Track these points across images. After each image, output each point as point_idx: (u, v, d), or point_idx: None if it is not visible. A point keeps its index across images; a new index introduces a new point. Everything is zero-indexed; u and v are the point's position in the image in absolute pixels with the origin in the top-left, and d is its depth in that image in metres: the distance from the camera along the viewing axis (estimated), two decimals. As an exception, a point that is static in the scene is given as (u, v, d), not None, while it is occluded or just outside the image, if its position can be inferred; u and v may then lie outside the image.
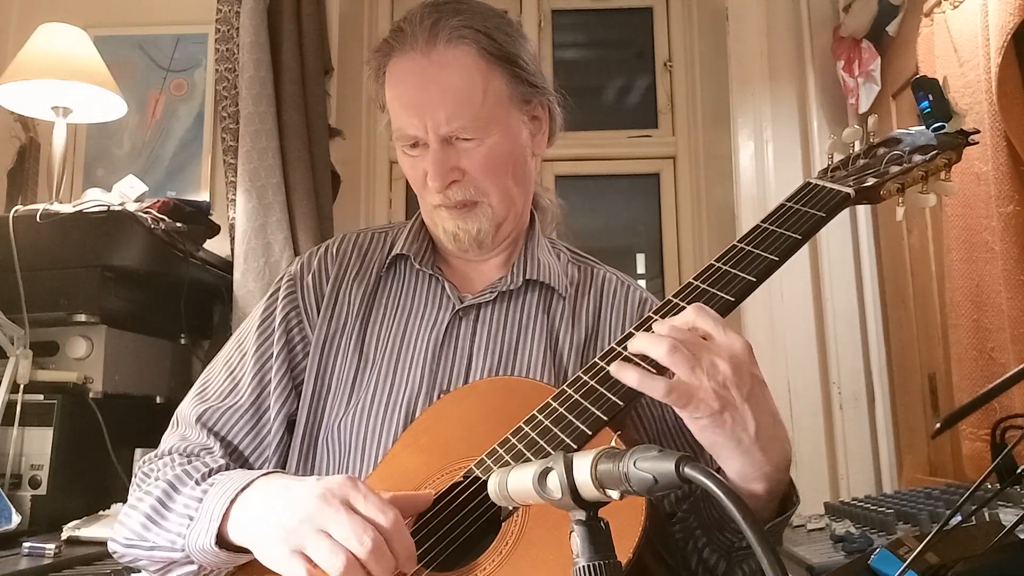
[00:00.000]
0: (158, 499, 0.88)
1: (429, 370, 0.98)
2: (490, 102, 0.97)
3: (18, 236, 1.73)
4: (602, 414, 0.79)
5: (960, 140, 0.93)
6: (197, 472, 0.89)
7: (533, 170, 1.08)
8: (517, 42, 1.00)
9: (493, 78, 0.97)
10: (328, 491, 0.75)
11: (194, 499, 0.86)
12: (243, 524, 0.81)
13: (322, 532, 0.74)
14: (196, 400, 1.02)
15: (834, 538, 1.27)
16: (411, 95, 0.97)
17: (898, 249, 2.17)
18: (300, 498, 0.77)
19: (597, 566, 0.53)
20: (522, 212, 1.07)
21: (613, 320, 1.06)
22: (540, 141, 1.06)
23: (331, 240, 1.12)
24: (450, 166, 0.97)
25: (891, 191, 0.92)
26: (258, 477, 0.84)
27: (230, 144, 2.30)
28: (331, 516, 0.74)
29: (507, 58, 0.98)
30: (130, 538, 0.89)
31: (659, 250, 3.00)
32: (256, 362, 1.02)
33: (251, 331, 1.05)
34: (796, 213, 0.89)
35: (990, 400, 0.87)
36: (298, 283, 1.06)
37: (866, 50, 2.22)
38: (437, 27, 0.96)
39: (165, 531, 0.86)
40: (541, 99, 1.04)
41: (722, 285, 0.84)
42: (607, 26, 3.25)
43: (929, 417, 2.05)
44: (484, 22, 0.98)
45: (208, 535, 0.81)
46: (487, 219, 1.01)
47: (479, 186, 0.99)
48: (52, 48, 2.00)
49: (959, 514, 0.77)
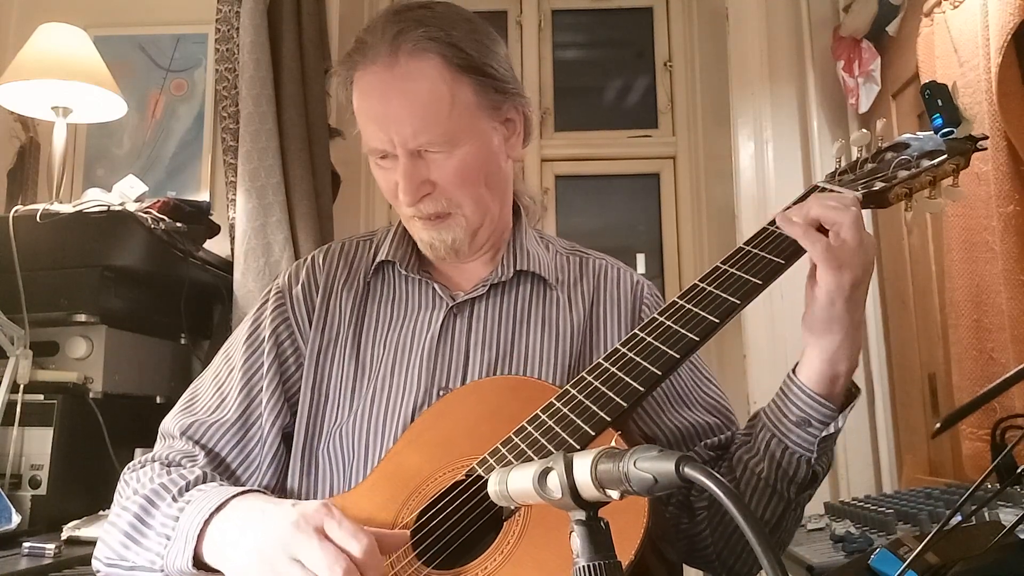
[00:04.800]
0: (136, 515, 0.88)
1: (427, 370, 0.98)
2: (458, 113, 0.95)
3: (18, 236, 1.73)
4: (605, 415, 0.79)
5: (969, 146, 0.93)
6: (175, 486, 0.88)
7: (509, 173, 1.06)
8: (486, 48, 0.98)
9: (460, 89, 0.95)
10: (302, 518, 0.75)
11: (171, 518, 0.85)
12: (218, 547, 0.81)
13: (295, 561, 0.73)
14: (182, 414, 1.01)
15: (834, 538, 1.27)
16: (376, 109, 0.95)
17: (898, 249, 2.17)
18: (274, 524, 0.76)
19: (597, 566, 0.52)
20: (499, 216, 1.05)
21: (609, 306, 1.06)
22: (515, 143, 1.05)
23: (316, 251, 1.11)
24: (420, 180, 0.96)
25: (899, 196, 0.92)
26: (233, 496, 0.84)
27: (230, 144, 2.30)
28: (304, 544, 0.73)
29: (474, 67, 0.96)
30: (111, 557, 0.89)
31: (659, 250, 3.00)
32: (244, 376, 1.01)
33: (238, 346, 1.04)
34: None
35: (990, 400, 0.87)
36: (287, 295, 1.05)
37: (866, 50, 2.22)
38: (399, 39, 0.93)
39: (145, 550, 0.86)
40: (513, 102, 1.02)
41: (727, 287, 0.84)
42: (607, 26, 3.25)
43: (929, 417, 2.05)
44: (450, 31, 0.95)
45: (184, 556, 0.81)
46: (461, 229, 1.00)
47: (451, 198, 0.98)
48: (52, 48, 2.00)
49: (959, 514, 0.77)
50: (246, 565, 0.77)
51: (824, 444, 0.88)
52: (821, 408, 0.86)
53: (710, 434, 1.01)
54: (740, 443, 0.94)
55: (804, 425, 0.87)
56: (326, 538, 0.74)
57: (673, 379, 1.02)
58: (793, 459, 0.88)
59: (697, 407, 1.03)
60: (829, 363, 0.85)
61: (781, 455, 0.88)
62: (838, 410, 0.87)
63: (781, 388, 0.89)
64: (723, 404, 1.05)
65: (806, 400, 0.86)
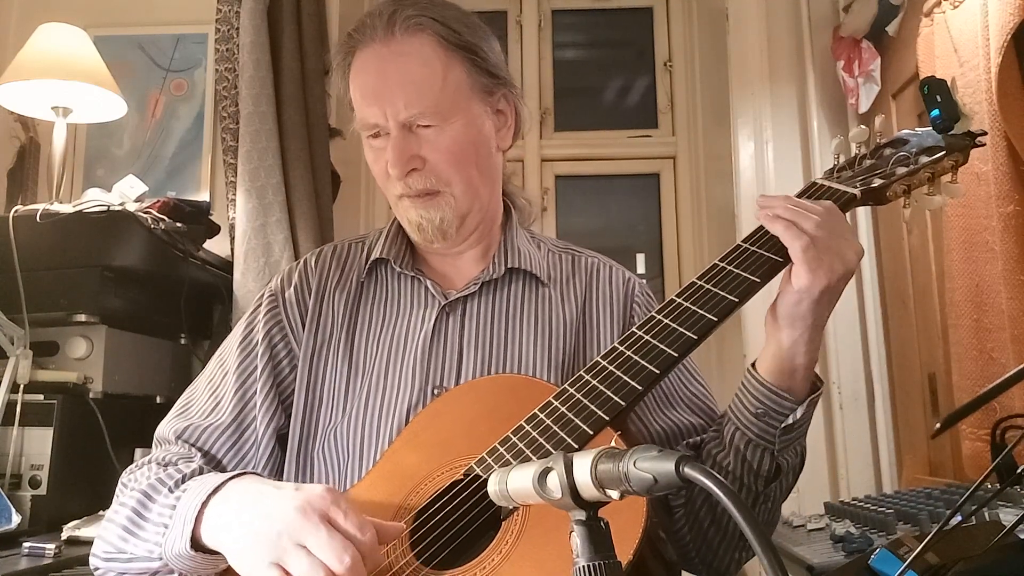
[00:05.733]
0: (133, 509, 0.88)
1: (421, 369, 0.98)
2: (450, 89, 0.97)
3: (18, 236, 1.73)
4: (604, 414, 0.79)
5: (967, 142, 0.93)
6: (171, 479, 0.88)
7: (499, 164, 1.08)
8: (477, 34, 1.02)
9: (452, 66, 0.98)
10: (308, 503, 0.75)
11: (168, 507, 0.85)
12: (217, 528, 0.80)
13: (301, 547, 0.73)
14: (178, 419, 1.01)
15: (834, 538, 1.27)
16: (370, 83, 0.98)
17: (898, 249, 2.17)
18: (278, 508, 0.76)
19: (597, 566, 0.52)
20: (489, 205, 1.06)
21: (601, 303, 1.06)
22: (505, 136, 1.07)
23: (308, 254, 1.12)
24: (410, 153, 0.98)
25: (897, 193, 0.92)
26: (230, 478, 0.83)
27: (230, 144, 2.30)
28: (311, 531, 0.73)
29: (466, 47, 0.99)
30: (108, 551, 0.88)
31: (659, 250, 3.00)
32: (238, 379, 1.01)
33: (232, 349, 1.04)
34: None
35: (990, 400, 0.87)
36: (280, 298, 1.06)
37: (866, 50, 2.22)
38: (395, 17, 0.98)
39: (143, 541, 0.86)
40: (505, 92, 1.05)
41: (724, 286, 0.84)
42: (607, 26, 3.25)
43: (929, 417, 2.05)
44: (442, 12, 0.99)
45: (183, 539, 0.81)
46: (450, 208, 1.00)
47: (440, 175, 0.99)
48: (52, 48, 2.00)
49: (959, 514, 0.77)
50: (246, 547, 0.76)
51: (787, 436, 0.88)
52: (778, 399, 0.87)
53: (692, 434, 1.02)
54: (710, 438, 0.95)
55: (763, 416, 0.87)
56: (333, 526, 0.74)
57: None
58: (756, 451, 0.89)
59: (681, 406, 1.04)
60: (786, 357, 0.86)
61: (744, 447, 0.89)
62: (797, 401, 0.87)
63: (741, 381, 0.90)
64: (707, 402, 1.06)
65: (763, 391, 0.87)
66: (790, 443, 0.90)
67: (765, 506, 0.93)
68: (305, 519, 0.74)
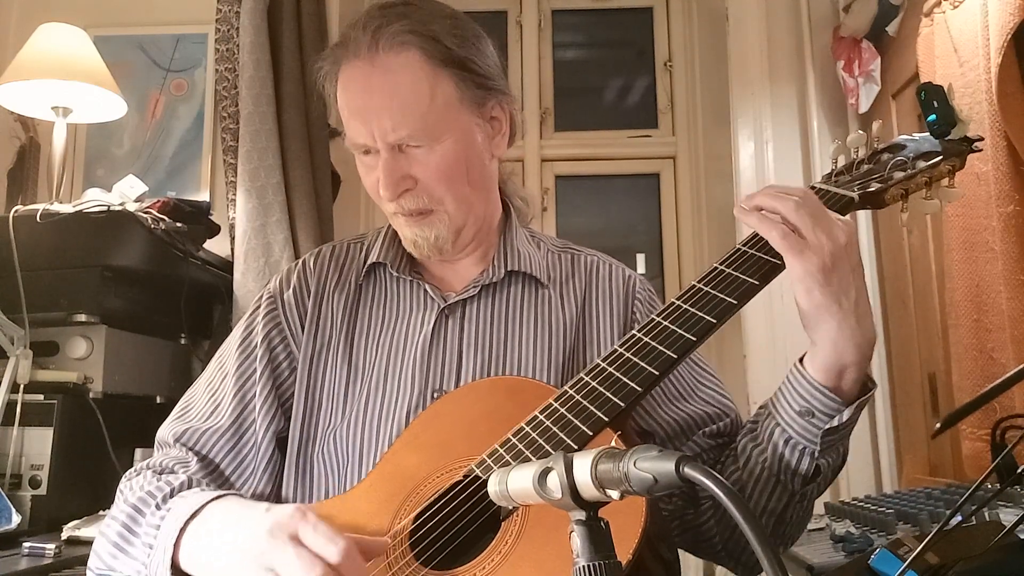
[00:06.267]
0: (123, 524, 0.88)
1: (420, 372, 0.97)
2: (438, 107, 0.94)
3: (18, 236, 1.73)
4: (603, 414, 0.79)
5: (964, 147, 0.93)
6: (160, 493, 0.88)
7: (494, 172, 1.06)
8: (469, 44, 0.98)
9: (440, 83, 0.95)
10: (276, 525, 0.75)
11: (153, 526, 0.86)
12: (194, 555, 0.81)
13: (269, 570, 0.73)
14: (177, 422, 1.01)
15: (834, 538, 1.27)
16: (356, 103, 0.96)
17: (898, 249, 2.17)
18: (248, 532, 0.76)
19: (597, 566, 0.52)
20: (484, 215, 1.05)
21: (601, 302, 1.06)
22: (499, 143, 1.04)
23: (307, 255, 1.11)
24: (401, 175, 0.96)
25: (895, 197, 0.92)
26: (208, 502, 0.83)
27: (230, 144, 2.30)
28: (278, 553, 0.73)
29: (456, 62, 0.95)
30: (100, 568, 0.89)
31: (659, 250, 3.00)
32: (237, 382, 1.01)
33: (231, 352, 1.04)
34: None
35: (990, 400, 0.87)
36: (278, 300, 1.05)
37: (866, 50, 2.22)
38: (379, 33, 0.93)
39: (131, 559, 0.87)
40: (498, 99, 1.02)
41: (724, 288, 0.84)
42: (607, 26, 3.25)
43: (929, 417, 2.05)
44: (430, 25, 0.95)
45: (164, 567, 0.82)
46: (444, 226, 0.99)
47: (432, 194, 0.97)
48: (52, 48, 2.00)
49: (959, 514, 0.77)
50: (221, 573, 0.77)
51: (830, 438, 0.85)
52: (824, 399, 0.83)
53: (708, 423, 1.00)
54: (746, 431, 0.93)
55: (807, 415, 0.84)
56: (300, 544, 0.73)
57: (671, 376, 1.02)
58: (796, 451, 0.86)
59: (695, 397, 1.03)
60: (832, 353, 0.82)
61: (784, 445, 0.86)
62: (846, 403, 0.84)
63: (787, 376, 0.87)
64: (721, 393, 1.04)
65: (809, 389, 0.84)
66: (832, 444, 0.86)
67: (800, 504, 0.91)
68: (273, 539, 0.74)
